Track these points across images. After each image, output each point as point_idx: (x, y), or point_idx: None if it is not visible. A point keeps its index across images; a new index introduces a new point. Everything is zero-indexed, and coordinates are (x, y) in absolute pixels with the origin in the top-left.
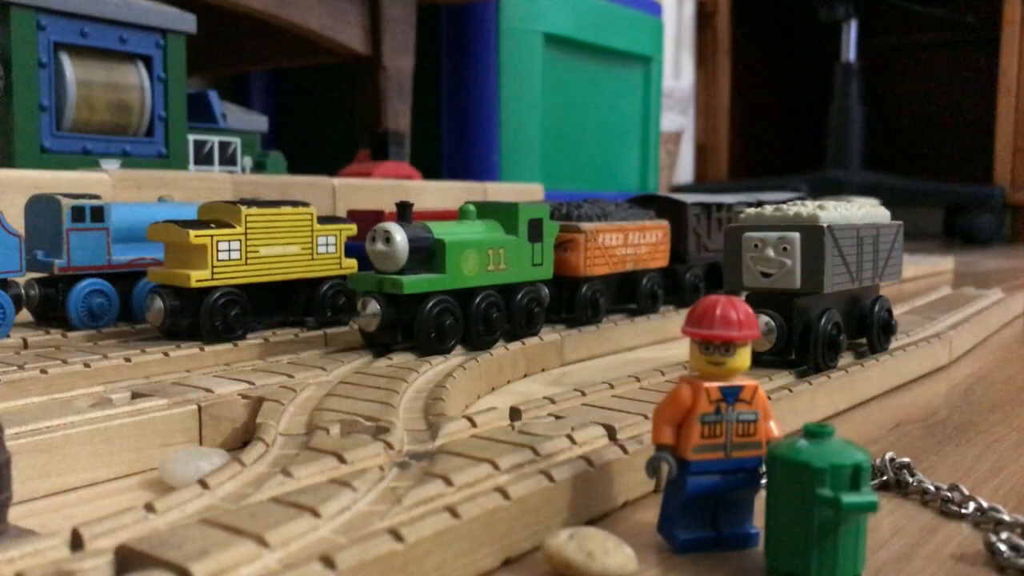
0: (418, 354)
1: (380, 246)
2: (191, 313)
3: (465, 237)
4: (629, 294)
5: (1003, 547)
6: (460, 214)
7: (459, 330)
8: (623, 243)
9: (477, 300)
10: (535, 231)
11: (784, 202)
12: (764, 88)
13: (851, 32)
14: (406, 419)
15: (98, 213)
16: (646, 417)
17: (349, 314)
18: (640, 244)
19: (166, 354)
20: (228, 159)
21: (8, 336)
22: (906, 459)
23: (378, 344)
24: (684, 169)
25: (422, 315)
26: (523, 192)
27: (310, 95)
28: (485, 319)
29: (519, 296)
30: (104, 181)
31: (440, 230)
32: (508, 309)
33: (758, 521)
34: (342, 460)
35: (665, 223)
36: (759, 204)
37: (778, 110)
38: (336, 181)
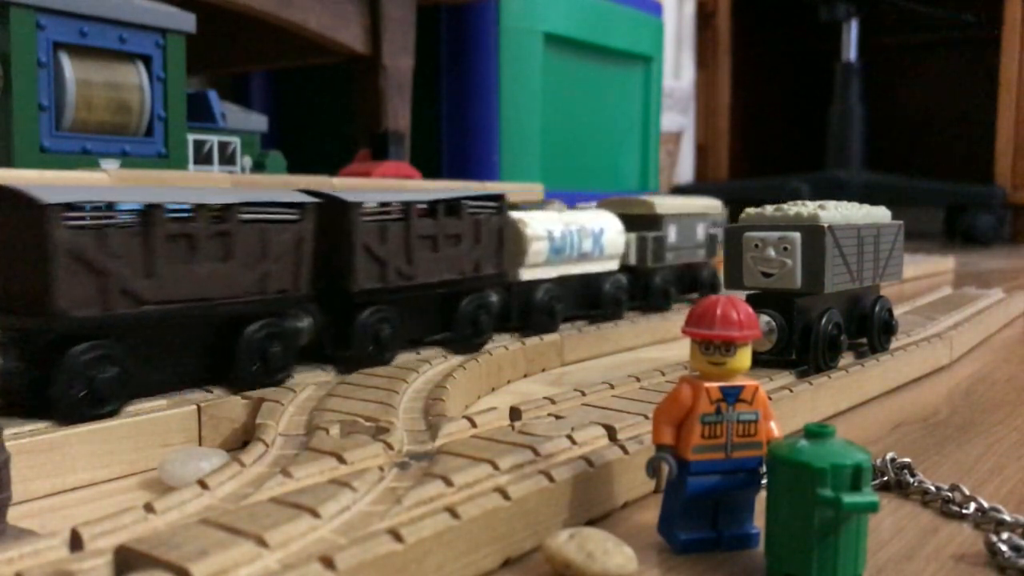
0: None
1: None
2: None
3: None
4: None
5: (1004, 547)
6: None
7: None
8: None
9: None
10: None
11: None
12: (764, 88)
13: (851, 32)
14: (406, 419)
15: None
16: (646, 417)
17: None
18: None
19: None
20: (228, 159)
21: None
22: (907, 459)
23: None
24: (684, 169)
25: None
26: (523, 192)
27: (310, 95)
28: None
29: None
30: (103, 181)
31: None
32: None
33: (758, 521)
34: (342, 460)
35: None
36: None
37: (778, 110)
38: (336, 181)
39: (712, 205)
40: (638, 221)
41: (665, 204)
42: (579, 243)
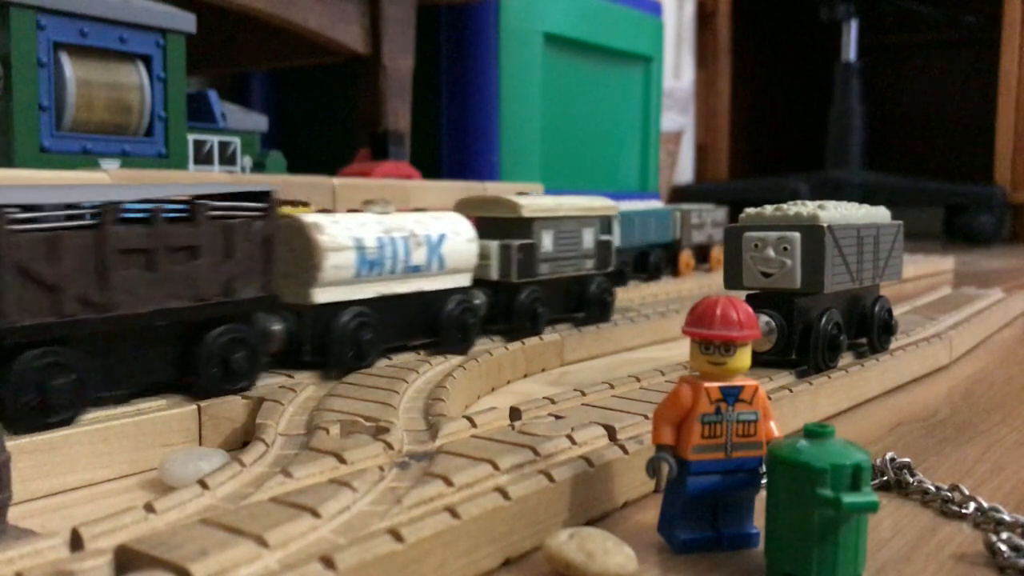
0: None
1: None
2: None
3: None
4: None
5: (1003, 547)
6: None
7: None
8: None
9: None
10: None
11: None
12: (764, 88)
13: (851, 32)
14: (406, 419)
15: None
16: (646, 417)
17: None
18: None
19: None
20: (228, 159)
21: None
22: (906, 459)
23: None
24: (684, 169)
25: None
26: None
27: (310, 95)
28: None
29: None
30: (104, 181)
31: None
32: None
33: (758, 521)
34: (342, 460)
35: None
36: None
37: (778, 110)
38: (336, 181)
39: (604, 206)
40: (505, 226)
41: (535, 205)
42: (406, 254)
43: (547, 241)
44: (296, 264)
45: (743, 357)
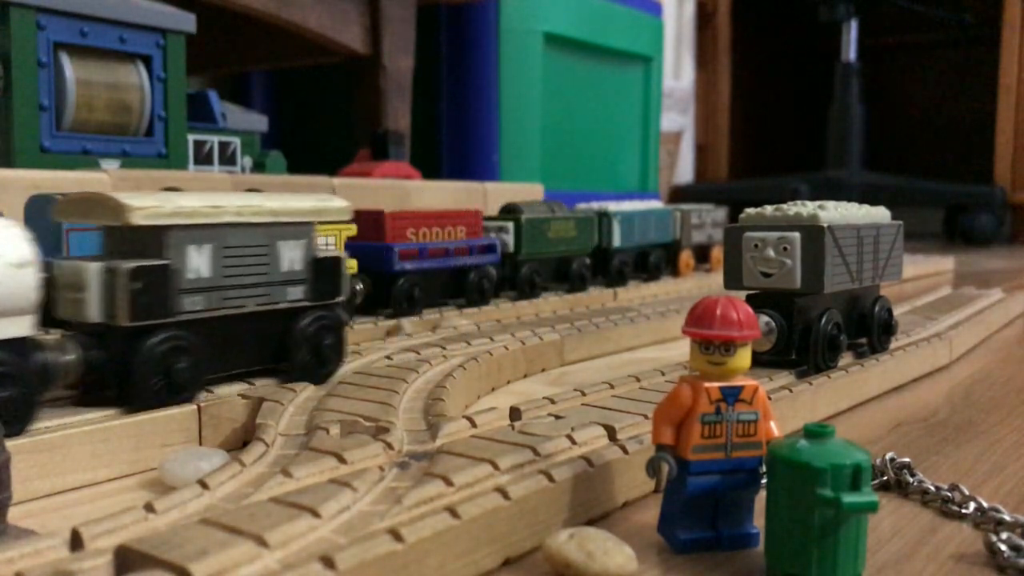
0: None
1: None
2: None
3: None
4: None
5: (1003, 547)
6: None
7: None
8: None
9: None
10: None
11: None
12: (764, 88)
13: (851, 32)
14: (406, 419)
15: None
16: (646, 417)
17: (348, 314)
18: None
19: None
20: (228, 159)
21: None
22: (906, 459)
23: None
24: (684, 169)
25: None
26: (523, 192)
27: (310, 95)
28: None
29: None
30: (104, 181)
31: None
32: None
33: (758, 521)
34: (342, 460)
35: None
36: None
37: (778, 110)
38: (336, 181)
39: (322, 208)
40: (132, 239)
41: (170, 207)
42: None
43: (198, 261)
44: None
45: (743, 357)
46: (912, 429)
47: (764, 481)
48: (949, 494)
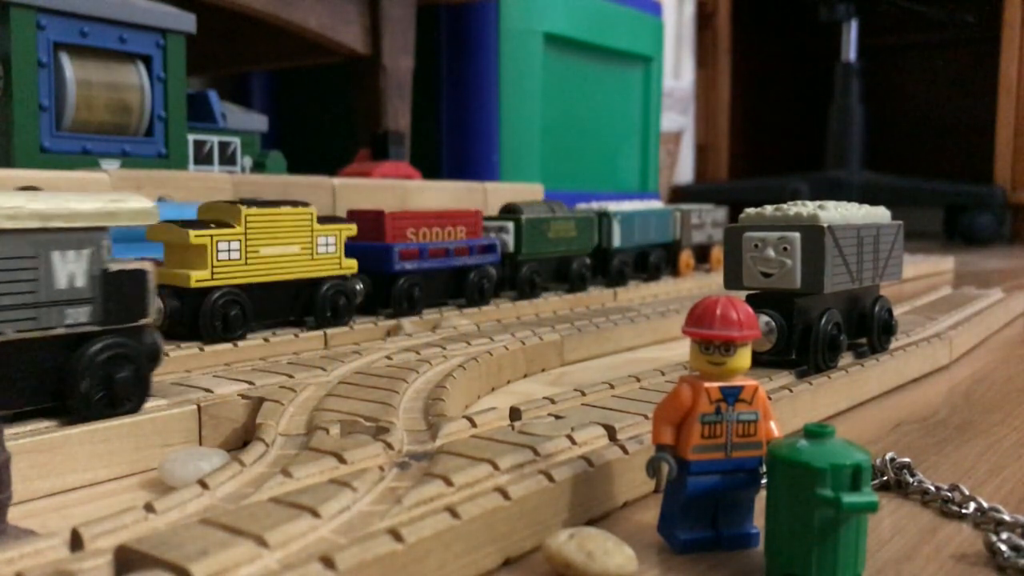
0: None
1: None
2: (191, 313)
3: None
4: None
5: (1003, 547)
6: None
7: None
8: None
9: None
10: None
11: None
12: (764, 88)
13: (851, 32)
14: (406, 419)
15: None
16: (646, 417)
17: (349, 314)
18: None
19: (166, 354)
20: (228, 159)
21: None
22: (906, 459)
23: None
24: (684, 169)
25: None
26: (523, 192)
27: (310, 95)
28: None
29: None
30: (104, 181)
31: None
32: None
33: (758, 521)
34: (342, 460)
35: None
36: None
37: (778, 110)
38: (336, 181)
39: (113, 211)
40: None
41: None
42: None
43: None
44: None
45: (743, 357)
46: (912, 429)
47: (764, 481)
48: (949, 494)
